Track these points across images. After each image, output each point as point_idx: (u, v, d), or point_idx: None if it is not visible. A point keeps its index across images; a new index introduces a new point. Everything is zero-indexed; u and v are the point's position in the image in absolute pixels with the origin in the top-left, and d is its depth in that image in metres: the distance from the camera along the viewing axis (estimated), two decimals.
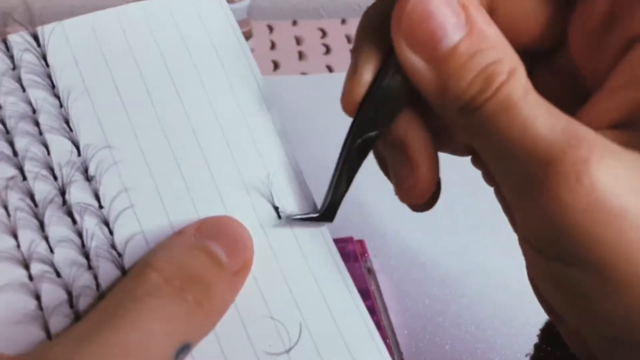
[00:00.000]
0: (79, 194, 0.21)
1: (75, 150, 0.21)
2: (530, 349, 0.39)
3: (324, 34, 0.66)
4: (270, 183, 0.22)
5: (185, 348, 0.18)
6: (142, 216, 0.21)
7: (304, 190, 0.23)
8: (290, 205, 0.22)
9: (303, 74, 0.60)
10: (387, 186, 0.50)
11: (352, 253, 0.41)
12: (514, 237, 0.44)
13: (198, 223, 0.21)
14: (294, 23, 0.67)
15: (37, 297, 0.20)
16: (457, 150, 0.25)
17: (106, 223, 0.21)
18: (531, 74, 0.19)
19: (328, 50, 0.63)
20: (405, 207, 0.48)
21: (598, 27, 0.19)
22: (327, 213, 0.22)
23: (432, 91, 0.18)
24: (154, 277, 0.19)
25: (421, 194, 0.23)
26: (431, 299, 0.41)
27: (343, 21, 0.68)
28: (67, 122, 0.22)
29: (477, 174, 0.51)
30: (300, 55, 0.62)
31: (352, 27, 0.67)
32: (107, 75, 0.22)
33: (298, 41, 0.64)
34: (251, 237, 0.21)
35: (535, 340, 0.40)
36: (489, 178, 0.26)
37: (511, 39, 0.19)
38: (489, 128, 0.17)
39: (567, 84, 0.22)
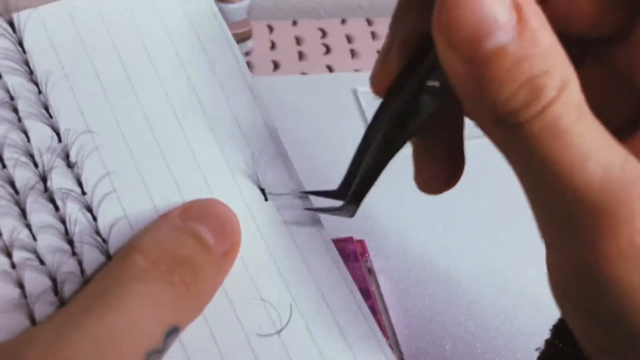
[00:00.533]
0: (60, 180, 0.21)
1: (55, 137, 0.21)
2: (529, 348, 0.39)
3: (324, 34, 0.66)
4: (255, 164, 0.22)
5: (174, 331, 0.18)
6: (126, 201, 0.21)
7: (289, 170, 0.22)
8: (276, 186, 0.22)
9: (303, 73, 0.60)
10: (388, 186, 0.50)
11: (352, 253, 0.41)
12: (513, 238, 0.44)
13: (184, 206, 0.21)
14: (294, 23, 0.67)
15: (21, 285, 0.20)
16: None
17: (89, 209, 0.21)
18: (580, 63, 0.17)
19: (328, 50, 0.63)
20: (405, 208, 0.48)
21: None
22: (349, 206, 0.21)
23: (466, 94, 0.16)
24: (140, 260, 0.18)
25: (441, 185, 0.22)
26: (431, 298, 0.41)
27: (343, 21, 0.68)
28: (46, 108, 0.21)
29: (478, 174, 0.51)
30: (300, 55, 0.62)
31: (352, 27, 0.67)
32: (86, 60, 0.22)
33: (298, 41, 0.64)
34: (238, 219, 0.21)
35: (536, 339, 0.40)
36: None
37: (563, 24, 0.16)
38: (530, 152, 0.15)
39: (621, 84, 0.19)
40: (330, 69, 0.61)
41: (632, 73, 0.19)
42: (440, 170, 0.22)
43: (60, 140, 0.21)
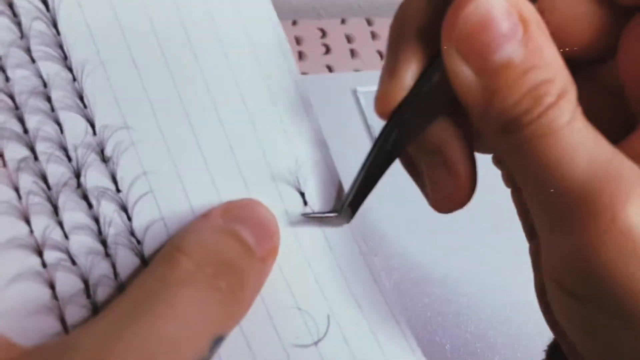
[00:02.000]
0: (95, 176, 0.19)
1: (90, 130, 0.20)
2: (529, 348, 0.39)
3: (323, 33, 0.66)
4: (297, 169, 0.21)
5: (219, 340, 0.17)
6: (163, 202, 0.20)
7: (333, 178, 0.21)
8: (318, 193, 0.21)
9: (303, 73, 0.60)
10: (387, 186, 0.50)
11: None
12: (513, 237, 0.44)
13: (224, 206, 0.20)
14: (294, 23, 0.67)
15: (52, 286, 0.18)
16: (489, 150, 0.24)
17: (124, 208, 0.19)
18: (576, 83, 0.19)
19: (328, 50, 0.63)
20: (405, 208, 0.48)
21: None
22: (346, 212, 0.21)
23: (475, 105, 0.17)
24: (185, 262, 0.17)
25: (460, 202, 0.22)
26: (431, 298, 0.41)
27: (343, 21, 0.68)
28: (81, 97, 0.20)
29: (478, 173, 0.51)
30: (300, 55, 0.62)
31: (352, 27, 0.67)
32: (123, 47, 0.20)
33: (298, 41, 0.64)
34: (277, 222, 0.20)
35: (535, 339, 0.40)
36: (508, 178, 0.25)
37: (559, 43, 0.18)
38: (526, 151, 0.16)
39: (614, 100, 0.20)
40: (330, 68, 0.61)
41: (618, 87, 0.20)
42: (460, 185, 0.21)
43: (95, 133, 0.20)
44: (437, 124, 0.20)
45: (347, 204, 0.21)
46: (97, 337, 0.16)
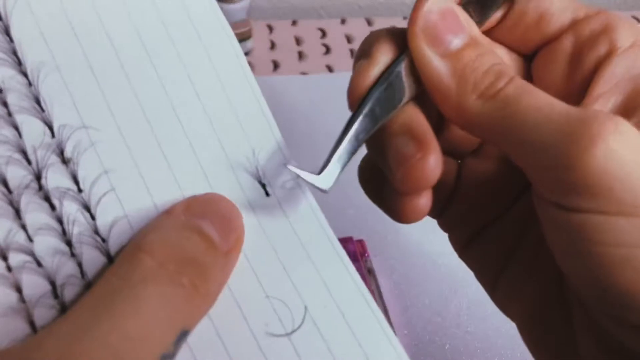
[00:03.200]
0: (56, 177, 0.20)
1: (48, 132, 0.20)
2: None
3: (323, 34, 0.66)
4: (256, 159, 0.21)
5: (184, 335, 0.18)
6: (125, 199, 0.20)
7: (290, 165, 0.21)
8: (279, 181, 0.21)
9: (303, 73, 0.60)
10: None
11: (352, 253, 0.41)
12: None
13: (186, 201, 0.20)
14: (294, 23, 0.67)
15: (19, 289, 0.18)
16: (449, 153, 0.25)
17: (87, 208, 0.20)
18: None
19: (328, 50, 0.63)
20: None
21: (563, 65, 0.22)
22: (324, 178, 0.21)
23: (446, 85, 0.20)
24: (148, 260, 0.18)
25: (426, 177, 0.22)
26: (431, 298, 0.41)
27: (343, 21, 0.68)
28: (37, 101, 0.20)
29: None
30: (300, 55, 0.62)
31: (352, 27, 0.67)
32: (78, 50, 0.21)
33: (298, 41, 0.64)
34: (241, 214, 0.20)
35: None
36: (456, 240, 0.27)
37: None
38: (512, 108, 0.18)
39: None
40: (330, 68, 0.61)
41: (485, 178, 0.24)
42: (427, 158, 0.22)
43: (53, 135, 0.20)
44: (404, 110, 0.21)
45: (323, 169, 0.20)
46: (61, 338, 0.17)
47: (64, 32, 0.21)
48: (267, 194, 0.21)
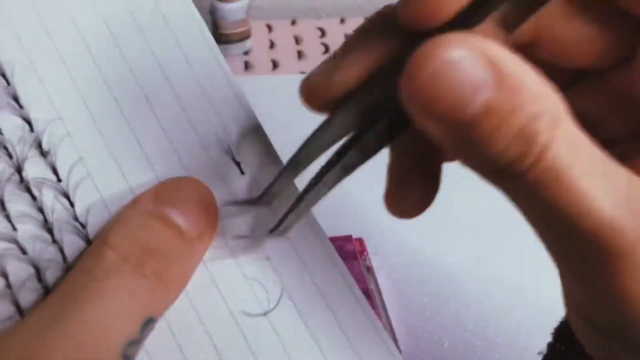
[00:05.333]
0: (35, 170, 0.20)
1: (27, 127, 0.21)
2: (528, 347, 0.39)
3: (322, 33, 0.66)
4: (228, 137, 0.21)
5: (150, 322, 0.19)
6: (101, 184, 0.21)
7: (264, 142, 0.22)
8: (253, 158, 0.21)
9: (302, 73, 0.60)
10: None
11: (351, 251, 0.41)
12: (513, 236, 0.44)
13: (155, 188, 0.20)
14: (293, 22, 0.67)
15: (4, 275, 0.20)
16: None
17: (66, 195, 0.20)
18: (575, 87, 0.18)
19: (327, 49, 0.63)
20: None
21: None
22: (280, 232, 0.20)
23: (453, 150, 0.15)
24: (111, 255, 0.18)
25: (413, 211, 0.21)
26: (430, 297, 0.41)
27: (342, 21, 0.67)
28: (16, 99, 0.21)
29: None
30: (299, 55, 0.62)
31: (351, 26, 0.67)
32: (50, 46, 0.22)
33: (297, 40, 0.64)
34: (213, 197, 0.20)
35: (535, 338, 0.39)
36: None
37: (561, 61, 0.17)
38: (537, 199, 0.14)
39: (620, 102, 0.19)
40: None
41: (633, 94, 0.18)
42: (413, 192, 0.21)
43: (32, 130, 0.21)
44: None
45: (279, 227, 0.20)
46: (30, 331, 0.17)
47: (35, 27, 0.22)
48: (242, 172, 0.21)
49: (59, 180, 0.21)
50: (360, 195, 0.47)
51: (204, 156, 0.21)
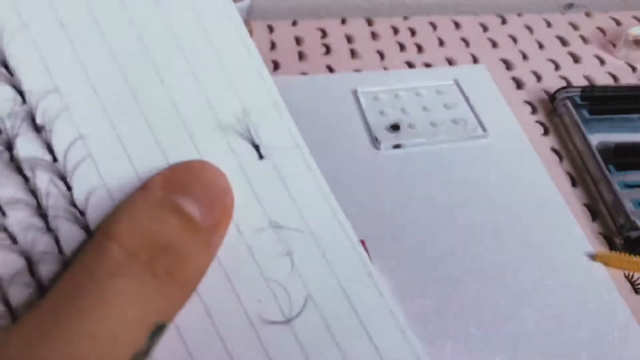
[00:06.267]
0: (28, 147, 0.18)
1: (19, 98, 0.18)
2: (530, 349, 0.39)
3: (324, 34, 0.65)
4: (247, 118, 0.19)
5: (160, 328, 0.16)
6: (103, 167, 0.18)
7: (286, 123, 0.19)
8: (273, 141, 0.19)
9: (303, 74, 0.60)
10: (387, 187, 0.50)
11: None
12: (514, 238, 0.44)
13: (165, 173, 0.18)
14: (294, 23, 0.67)
15: None
16: None
17: (62, 178, 0.18)
18: None
19: (328, 50, 0.63)
20: (405, 208, 0.48)
21: None
22: None
23: None
24: (116, 251, 0.16)
25: None
26: (431, 299, 0.41)
27: (343, 21, 0.67)
28: (4, 64, 0.18)
29: (478, 174, 0.51)
30: (300, 56, 0.62)
31: (353, 27, 0.67)
32: (45, 4, 0.19)
33: (298, 41, 0.64)
34: (229, 183, 0.18)
35: (536, 340, 0.39)
36: None
37: None
38: None
39: None
40: (330, 69, 0.61)
41: None
42: None
43: (24, 101, 0.18)
44: None
45: None
46: (19, 344, 0.15)
47: None
48: (261, 157, 0.19)
49: (55, 160, 0.18)
50: (362, 198, 0.47)
51: (219, 137, 0.19)
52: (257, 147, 0.19)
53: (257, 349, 0.18)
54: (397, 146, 0.50)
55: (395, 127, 0.52)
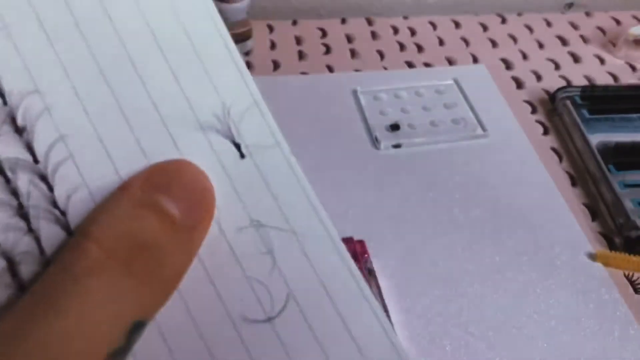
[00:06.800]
0: (9, 148, 0.18)
1: None
2: (530, 349, 0.39)
3: (324, 33, 0.65)
4: (227, 116, 0.19)
5: (139, 326, 0.16)
6: (84, 167, 0.18)
7: (267, 121, 0.19)
8: (254, 140, 0.19)
9: (303, 73, 0.60)
10: (388, 187, 0.50)
11: (352, 253, 0.41)
12: (513, 237, 0.44)
13: (146, 172, 0.18)
14: (294, 23, 0.67)
15: None
16: None
17: (44, 178, 0.18)
18: None
19: (328, 49, 0.63)
20: (405, 208, 0.48)
21: None
22: None
23: None
24: (94, 250, 0.16)
25: None
26: (431, 299, 0.41)
27: (343, 21, 0.67)
28: None
29: (478, 174, 0.51)
30: (300, 55, 0.62)
31: (352, 26, 0.67)
32: (26, 7, 0.19)
33: (298, 41, 0.64)
34: (210, 183, 0.18)
35: (537, 341, 0.39)
36: None
37: None
38: None
39: None
40: (330, 68, 0.61)
41: None
42: None
43: (5, 102, 0.18)
44: None
45: None
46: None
47: None
48: (242, 156, 0.19)
49: (36, 161, 0.18)
50: (362, 198, 0.47)
51: (200, 137, 0.19)
52: (238, 146, 0.19)
53: (238, 348, 0.18)
54: (397, 146, 0.50)
55: (395, 127, 0.52)
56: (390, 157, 0.50)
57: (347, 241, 0.41)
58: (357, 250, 0.41)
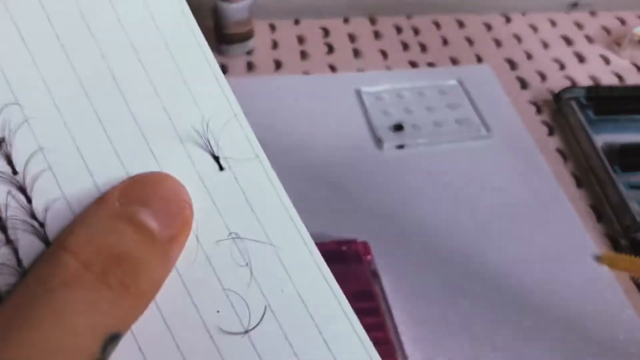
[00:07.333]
0: None
1: None
2: (532, 350, 0.39)
3: (326, 33, 0.65)
4: (206, 129, 0.19)
5: (114, 338, 0.16)
6: (62, 178, 0.18)
7: (247, 134, 0.20)
8: (233, 152, 0.19)
9: (305, 73, 0.60)
10: (391, 188, 0.50)
11: (356, 254, 0.41)
12: (518, 238, 0.44)
13: (123, 185, 0.18)
14: (296, 22, 0.66)
15: None
16: None
17: (22, 190, 0.18)
18: None
19: (330, 49, 0.63)
20: (409, 209, 0.48)
21: None
22: None
23: None
24: (71, 262, 0.16)
25: None
26: (435, 300, 0.41)
27: (345, 20, 0.67)
28: None
29: (480, 175, 0.51)
30: (303, 55, 0.62)
31: (355, 26, 0.67)
32: (6, 19, 0.19)
33: (300, 40, 0.64)
34: (188, 195, 0.18)
35: (540, 342, 0.39)
36: None
37: None
38: None
39: None
40: (332, 68, 0.61)
41: None
42: None
43: None
44: None
45: None
46: None
47: None
48: (221, 168, 0.19)
49: (15, 172, 0.18)
50: (365, 199, 0.47)
51: (179, 149, 0.19)
52: (217, 159, 0.19)
53: (215, 359, 0.18)
54: (400, 146, 0.50)
55: (398, 127, 0.52)
56: (394, 157, 0.50)
57: (351, 242, 0.41)
58: (361, 251, 0.41)
